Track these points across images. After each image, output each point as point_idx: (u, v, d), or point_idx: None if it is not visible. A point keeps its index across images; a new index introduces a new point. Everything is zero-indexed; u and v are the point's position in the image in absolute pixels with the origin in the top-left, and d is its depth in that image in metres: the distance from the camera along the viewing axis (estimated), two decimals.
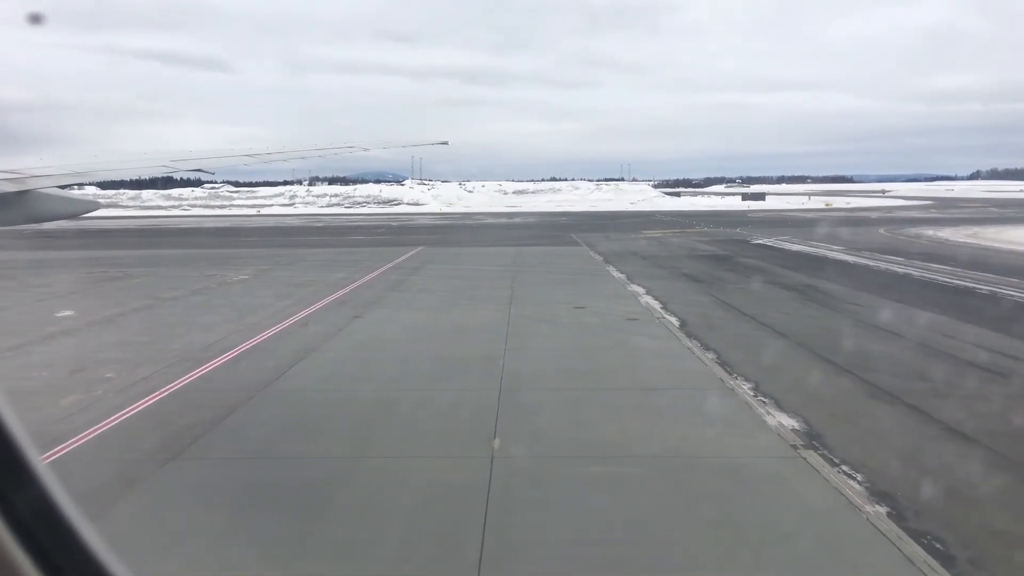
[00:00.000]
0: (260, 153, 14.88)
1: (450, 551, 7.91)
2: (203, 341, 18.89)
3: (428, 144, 24.60)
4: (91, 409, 13.14)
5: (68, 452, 10.98)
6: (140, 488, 9.63)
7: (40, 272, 35.59)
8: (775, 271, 32.95)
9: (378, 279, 32.06)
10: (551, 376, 15.22)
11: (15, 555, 1.47)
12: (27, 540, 1.49)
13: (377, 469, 10.31)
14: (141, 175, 14.08)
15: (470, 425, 12.12)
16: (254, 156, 14.55)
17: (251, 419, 12.63)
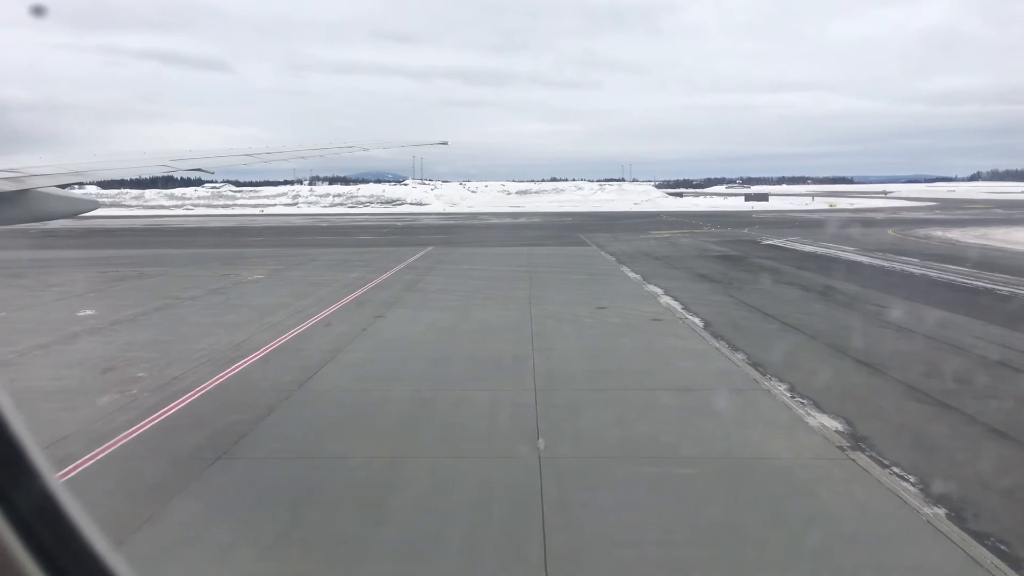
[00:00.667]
0: (259, 153, 14.90)
1: (514, 552, 7.90)
2: (229, 341, 18.87)
3: (427, 144, 24.63)
4: (129, 408, 13.13)
5: (113, 451, 10.97)
6: (193, 487, 9.61)
7: (54, 271, 35.60)
8: (790, 272, 32.95)
9: (393, 279, 32.04)
10: (584, 376, 15.21)
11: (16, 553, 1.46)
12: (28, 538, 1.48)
13: (426, 469, 10.30)
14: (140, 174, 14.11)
15: (511, 425, 12.11)
16: (253, 156, 14.55)
17: (291, 419, 12.61)
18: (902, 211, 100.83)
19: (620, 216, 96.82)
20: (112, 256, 44.26)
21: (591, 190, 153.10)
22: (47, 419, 12.53)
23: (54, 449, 11.06)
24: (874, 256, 39.10)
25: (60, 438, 11.55)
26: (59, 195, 10.91)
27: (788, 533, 8.21)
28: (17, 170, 9.59)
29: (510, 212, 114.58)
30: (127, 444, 11.32)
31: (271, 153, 15.19)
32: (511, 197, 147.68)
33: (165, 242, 57.49)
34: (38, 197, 10.05)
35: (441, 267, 36.92)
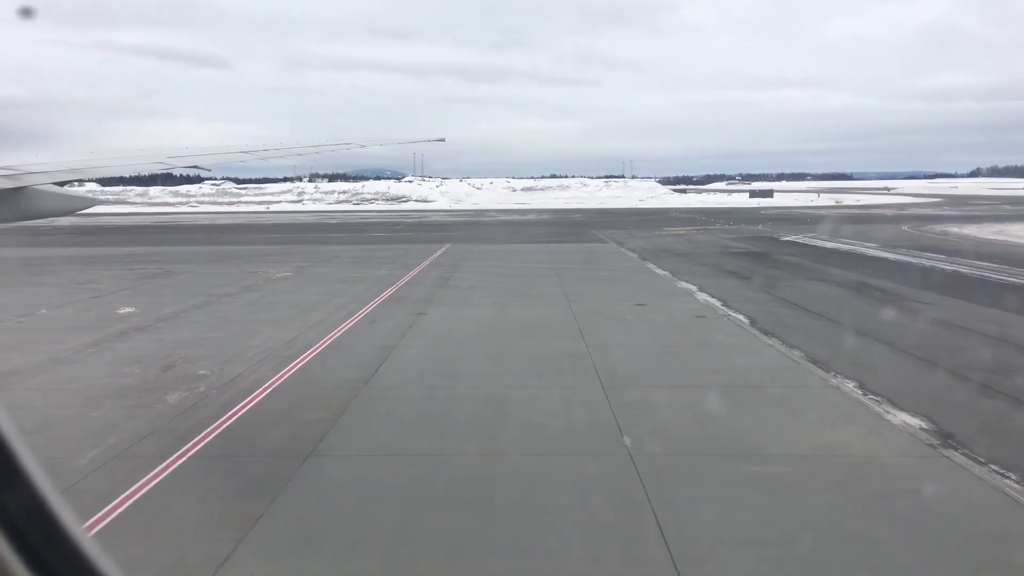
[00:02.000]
0: (257, 150, 14.87)
1: (638, 550, 7.90)
2: (279, 338, 18.86)
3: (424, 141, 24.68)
4: (202, 406, 13.12)
5: (202, 449, 10.97)
6: (294, 484, 9.60)
7: (78, 269, 35.51)
8: (820, 268, 32.97)
9: (421, 276, 32.02)
10: (648, 374, 15.22)
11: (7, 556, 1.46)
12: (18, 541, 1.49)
13: (520, 467, 10.30)
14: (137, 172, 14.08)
15: (590, 422, 12.12)
16: (251, 153, 14.51)
17: (368, 416, 12.61)
18: (910, 207, 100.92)
19: (628, 213, 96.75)
20: (131, 253, 44.18)
21: (596, 187, 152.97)
22: (124, 417, 12.53)
23: (142, 446, 11.07)
24: (898, 252, 39.13)
25: (143, 436, 11.56)
26: (56, 192, 10.78)
27: (909, 532, 8.22)
28: (13, 167, 9.58)
29: (517, 209, 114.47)
30: (213, 442, 11.31)
31: (268, 150, 15.17)
32: (516, 194, 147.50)
33: (179, 239, 57.37)
34: (34, 195, 9.97)
35: (466, 264, 36.89)
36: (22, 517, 1.52)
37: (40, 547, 1.51)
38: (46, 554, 1.52)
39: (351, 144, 17.55)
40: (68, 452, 10.88)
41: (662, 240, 51.25)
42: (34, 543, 1.50)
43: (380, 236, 60.44)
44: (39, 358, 16.78)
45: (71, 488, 9.53)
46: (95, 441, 11.32)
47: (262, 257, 41.11)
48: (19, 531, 1.49)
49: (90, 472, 10.10)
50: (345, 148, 17.62)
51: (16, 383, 14.78)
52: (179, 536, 8.34)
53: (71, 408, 13.09)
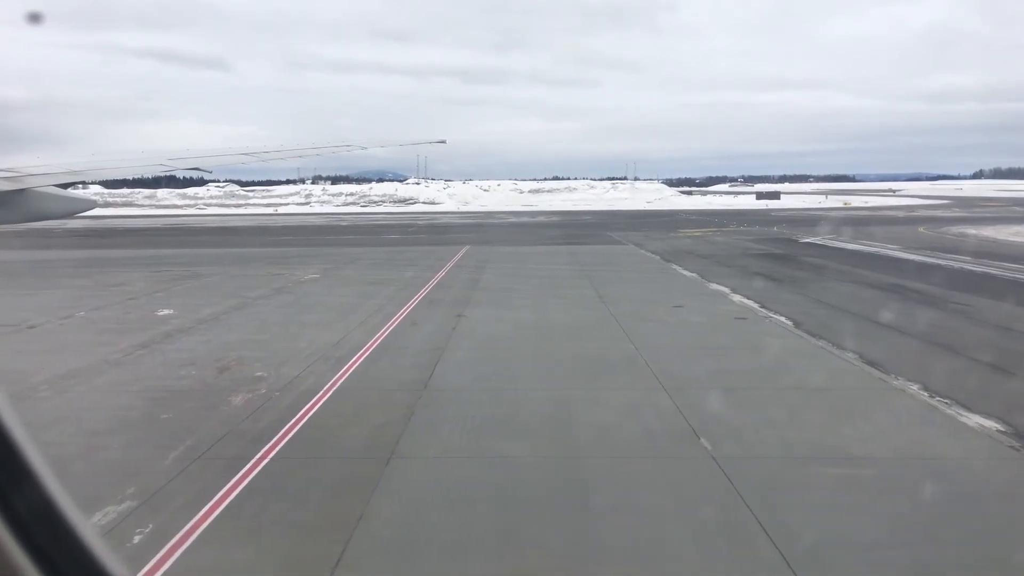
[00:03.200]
0: (258, 151, 14.86)
1: (748, 554, 7.89)
2: (326, 340, 18.85)
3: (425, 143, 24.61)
4: (269, 408, 13.12)
5: (281, 451, 10.96)
6: (384, 486, 9.59)
7: (106, 271, 35.54)
8: (849, 270, 32.95)
9: (449, 278, 32.01)
10: (706, 376, 15.19)
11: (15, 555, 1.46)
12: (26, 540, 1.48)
13: (603, 469, 10.29)
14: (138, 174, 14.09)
15: (661, 424, 12.11)
16: (251, 154, 14.50)
17: (437, 418, 12.59)
18: (920, 209, 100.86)
19: (639, 215, 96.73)
20: (153, 256, 44.22)
21: (603, 188, 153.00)
22: (194, 418, 12.54)
23: (221, 448, 11.07)
24: (923, 254, 39.11)
25: (219, 438, 11.55)
26: (56, 195, 10.84)
27: (1017, 533, 8.20)
28: (14, 169, 9.58)
29: (525, 211, 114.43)
30: (291, 444, 11.30)
31: (268, 152, 15.14)
32: (523, 196, 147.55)
33: (196, 242, 57.39)
34: (35, 197, 10.01)
35: (490, 266, 36.86)
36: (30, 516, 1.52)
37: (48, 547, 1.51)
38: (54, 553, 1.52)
39: (351, 146, 17.56)
40: (148, 454, 10.89)
41: (680, 242, 51.23)
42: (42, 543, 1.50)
43: (395, 238, 60.49)
44: (92, 360, 16.79)
45: (161, 490, 9.54)
46: (172, 443, 11.33)
47: (284, 260, 41.14)
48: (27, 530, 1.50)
49: (176, 474, 10.09)
50: (346, 150, 17.62)
51: (77, 385, 14.79)
52: (284, 537, 8.33)
53: (139, 410, 13.10)
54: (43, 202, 10.38)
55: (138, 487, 9.63)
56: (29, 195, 9.82)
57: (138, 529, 8.45)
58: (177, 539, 8.20)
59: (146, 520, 8.67)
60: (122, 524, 8.58)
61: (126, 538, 8.24)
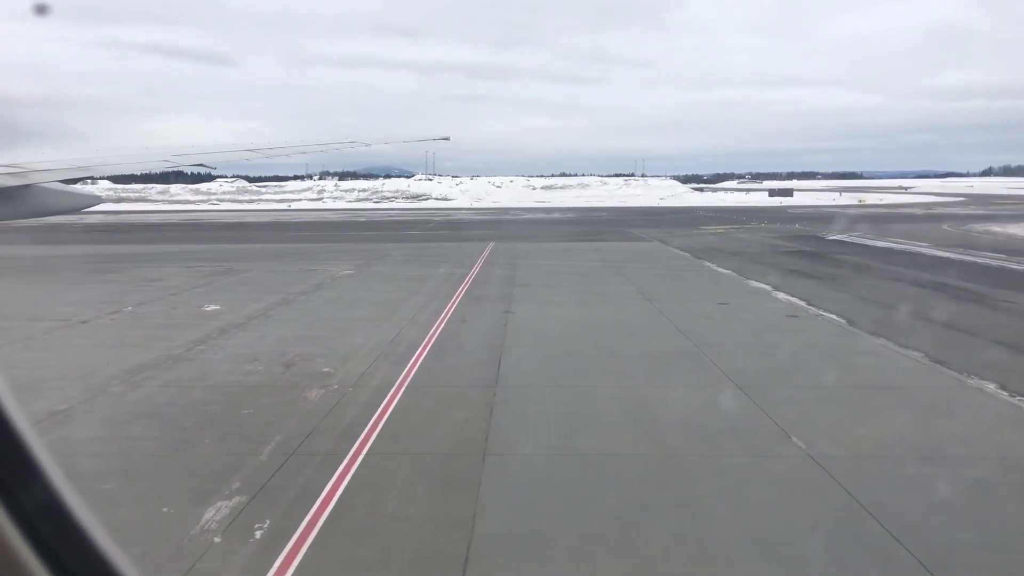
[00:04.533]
0: (262, 148, 14.83)
1: (881, 556, 7.82)
2: (382, 337, 18.84)
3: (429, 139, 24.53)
4: (348, 405, 13.10)
5: (374, 447, 10.93)
6: (488, 483, 9.55)
7: (137, 266, 35.62)
8: (886, 268, 32.79)
9: (484, 274, 31.96)
10: (774, 373, 15.12)
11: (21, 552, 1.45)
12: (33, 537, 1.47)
13: (706, 468, 10.23)
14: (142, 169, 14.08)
15: (747, 422, 12.04)
16: (255, 151, 14.47)
17: (519, 415, 12.55)
18: (938, 206, 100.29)
19: (654, 212, 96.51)
20: (182, 251, 44.26)
21: (616, 185, 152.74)
22: (276, 414, 12.53)
23: (313, 444, 11.06)
24: (956, 251, 38.90)
25: (307, 433, 11.54)
26: (61, 190, 10.82)
27: None
28: (19, 165, 9.57)
29: (539, 208, 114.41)
30: (381, 440, 11.27)
31: (273, 148, 15.17)
32: (536, 192, 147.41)
33: (220, 237, 57.46)
34: (40, 192, 9.99)
35: (521, 263, 36.77)
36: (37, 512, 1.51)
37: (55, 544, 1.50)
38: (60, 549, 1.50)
39: (356, 142, 17.53)
40: (241, 450, 10.89)
41: (704, 239, 51.07)
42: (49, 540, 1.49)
43: (416, 234, 60.45)
44: (155, 355, 16.81)
45: (266, 486, 9.53)
46: (262, 439, 11.33)
47: (313, 255, 41.12)
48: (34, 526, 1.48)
49: (276, 470, 10.09)
50: (350, 146, 17.60)
51: (148, 380, 14.80)
52: (404, 534, 8.30)
53: (217, 405, 13.11)
54: (48, 197, 10.34)
55: (242, 483, 9.63)
56: (34, 190, 9.79)
57: (256, 525, 8.44)
58: (299, 535, 8.19)
59: (261, 515, 8.66)
60: (238, 519, 8.58)
61: (247, 533, 8.24)
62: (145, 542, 8.10)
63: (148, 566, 7.63)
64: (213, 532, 8.29)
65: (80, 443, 11.29)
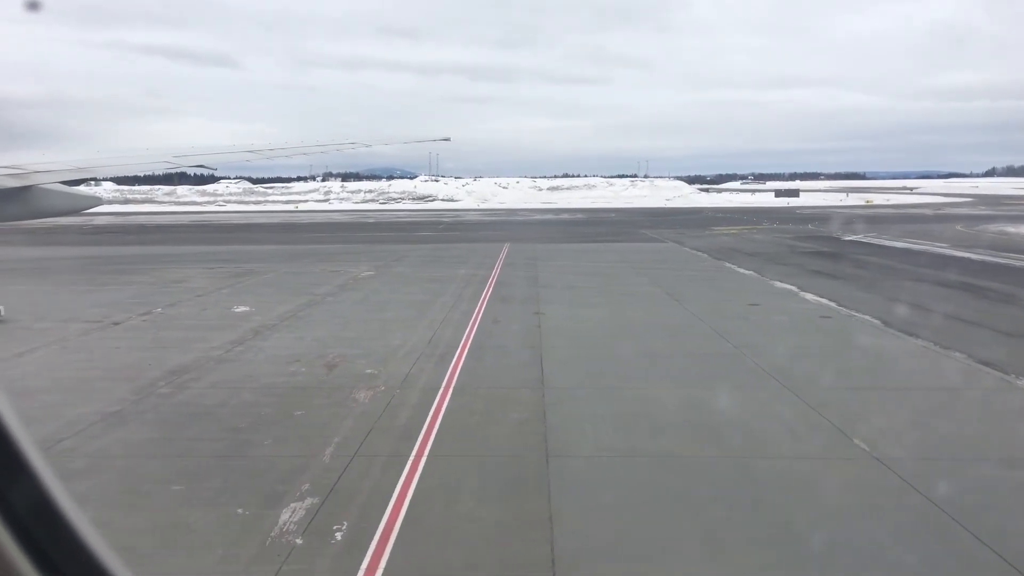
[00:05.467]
0: (262, 149, 14.83)
1: (967, 558, 7.77)
2: (418, 338, 18.81)
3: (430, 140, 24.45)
4: (399, 406, 13.06)
5: (435, 449, 10.89)
6: (558, 484, 9.51)
7: (156, 267, 35.60)
8: (909, 268, 32.72)
9: (505, 276, 31.91)
10: (821, 375, 15.01)
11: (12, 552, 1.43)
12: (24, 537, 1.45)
13: (772, 470, 10.17)
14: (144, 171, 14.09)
15: (805, 424, 12.00)
16: (256, 152, 14.46)
17: (573, 416, 12.52)
18: (945, 207, 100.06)
19: (662, 213, 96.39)
20: (199, 253, 44.21)
21: (622, 186, 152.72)
22: (330, 416, 12.49)
23: (373, 445, 11.02)
24: (975, 252, 38.80)
25: (365, 434, 11.51)
26: (62, 191, 10.83)
27: None
28: (20, 166, 9.58)
29: (547, 208, 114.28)
30: (440, 442, 11.23)
31: (274, 149, 15.20)
32: (542, 193, 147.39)
33: (234, 238, 57.44)
34: (41, 194, 10.00)
35: (541, 264, 36.71)
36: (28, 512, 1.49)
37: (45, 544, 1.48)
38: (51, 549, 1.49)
39: (356, 143, 17.53)
40: (303, 451, 10.86)
41: (719, 240, 50.98)
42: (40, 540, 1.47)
43: (428, 235, 60.43)
44: (196, 356, 16.79)
45: (336, 487, 9.50)
46: (321, 440, 11.29)
47: (330, 256, 41.11)
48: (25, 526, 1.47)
49: (342, 471, 10.05)
50: (351, 147, 17.61)
51: (194, 382, 14.78)
52: (484, 536, 8.25)
53: (270, 407, 13.07)
54: (48, 199, 10.33)
55: (311, 484, 9.60)
56: (35, 192, 9.81)
57: (334, 526, 8.41)
58: (379, 537, 8.16)
59: (337, 517, 8.63)
60: (315, 521, 8.55)
61: (327, 535, 8.21)
62: (225, 544, 8.08)
63: (234, 567, 7.62)
64: (293, 534, 8.26)
65: (140, 445, 11.27)
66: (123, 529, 8.36)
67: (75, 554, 1.52)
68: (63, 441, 11.31)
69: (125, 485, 9.70)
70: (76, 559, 1.52)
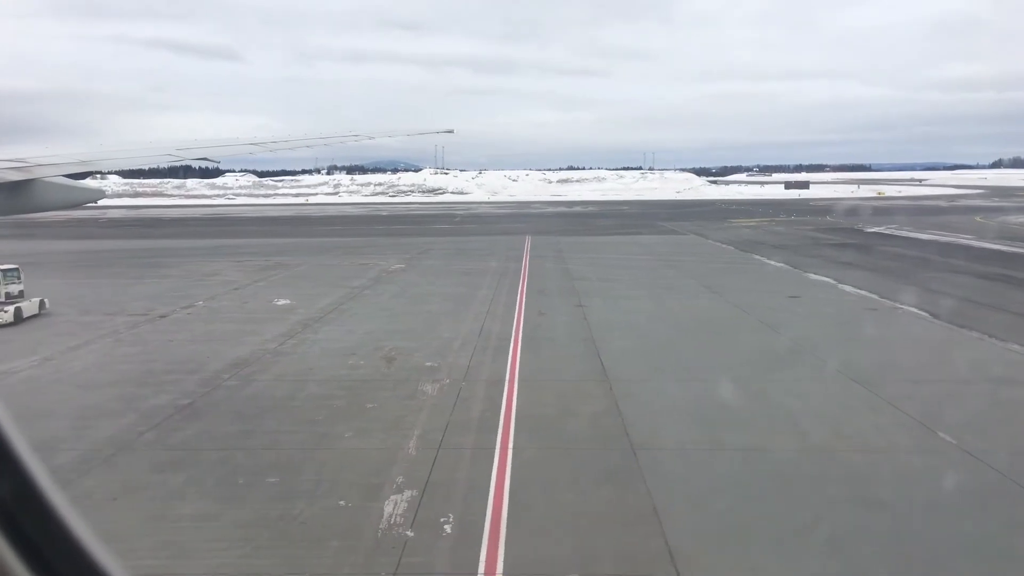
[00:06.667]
0: (265, 142, 14.82)
1: None
2: (467, 330, 18.81)
3: (433, 132, 24.18)
4: (468, 399, 13.04)
5: (520, 441, 10.86)
6: (655, 478, 9.48)
7: (185, 260, 35.64)
8: (940, 260, 32.56)
9: (536, 268, 31.85)
10: (885, 368, 14.92)
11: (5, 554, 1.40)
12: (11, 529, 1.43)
13: (868, 463, 10.14)
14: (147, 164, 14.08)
15: (883, 417, 11.94)
16: (259, 145, 14.46)
17: (648, 409, 12.46)
18: (959, 199, 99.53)
19: (676, 205, 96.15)
20: (223, 246, 44.23)
21: (632, 178, 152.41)
22: (404, 408, 12.48)
23: (455, 438, 11.00)
24: (1002, 243, 38.61)
25: (443, 427, 11.49)
26: (65, 184, 10.86)
27: None
28: (24, 159, 9.54)
29: (560, 201, 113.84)
30: (521, 434, 11.20)
31: (277, 142, 15.21)
32: (552, 186, 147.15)
33: (253, 232, 57.53)
34: (44, 187, 10.02)
35: (568, 256, 36.64)
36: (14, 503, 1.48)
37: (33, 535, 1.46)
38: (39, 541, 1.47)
39: (359, 136, 17.50)
40: (386, 444, 10.86)
41: (740, 232, 50.82)
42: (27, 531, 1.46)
43: (446, 228, 60.43)
44: (251, 349, 16.79)
45: (431, 480, 9.48)
46: (401, 433, 11.28)
47: (356, 249, 41.12)
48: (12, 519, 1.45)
49: (431, 463, 10.03)
50: (354, 140, 17.56)
51: (257, 374, 14.79)
52: (594, 528, 8.22)
53: (341, 399, 13.07)
54: (52, 192, 10.35)
55: (405, 477, 9.59)
56: (38, 185, 9.82)
57: (440, 519, 8.40)
58: (490, 530, 8.14)
59: (440, 509, 8.62)
60: (420, 513, 8.54)
61: (436, 527, 8.20)
62: (338, 535, 8.07)
63: (354, 559, 7.62)
64: (402, 526, 8.25)
65: (222, 437, 11.28)
66: (233, 522, 8.37)
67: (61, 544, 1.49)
68: (144, 434, 11.32)
69: (220, 477, 9.71)
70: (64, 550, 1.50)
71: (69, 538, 1.50)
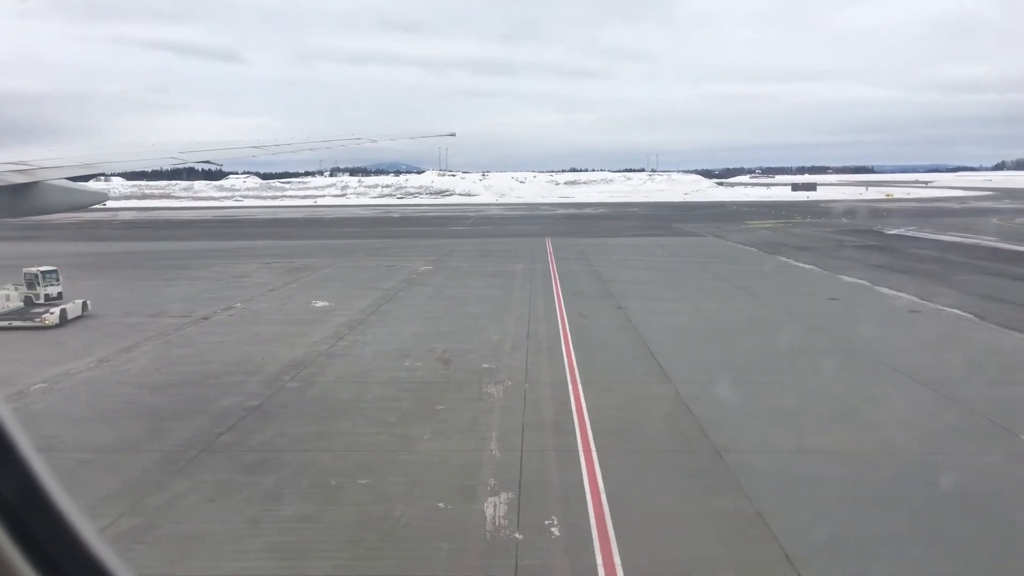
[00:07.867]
0: (267, 144, 14.87)
1: None
2: (513, 332, 18.77)
3: (435, 135, 24.08)
4: (536, 400, 13.00)
5: (600, 443, 10.80)
6: (748, 482, 9.42)
7: (211, 262, 35.62)
8: (970, 262, 32.50)
9: (564, 270, 31.81)
10: (945, 369, 14.89)
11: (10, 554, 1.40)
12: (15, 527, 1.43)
13: (963, 467, 10.08)
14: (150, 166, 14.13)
15: (956, 419, 11.92)
16: (261, 147, 14.49)
17: (717, 411, 12.39)
18: (969, 200, 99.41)
19: (686, 207, 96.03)
20: (246, 248, 44.14)
21: (640, 180, 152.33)
22: (473, 411, 12.43)
23: (534, 439, 10.96)
24: None
25: (517, 430, 11.45)
26: (68, 187, 10.84)
27: None
28: (27, 162, 9.54)
29: (570, 203, 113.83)
30: (600, 436, 11.12)
31: (279, 145, 15.26)
32: (559, 187, 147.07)
33: (270, 233, 57.53)
34: (47, 189, 10.01)
35: (593, 258, 36.57)
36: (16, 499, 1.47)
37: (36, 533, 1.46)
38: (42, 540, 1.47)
39: (361, 139, 17.53)
40: (466, 446, 10.83)
41: (759, 234, 50.74)
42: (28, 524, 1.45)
43: (462, 230, 60.44)
44: (304, 351, 16.76)
45: (523, 481, 9.44)
46: (479, 434, 11.27)
47: (379, 251, 41.12)
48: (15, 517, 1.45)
49: (517, 465, 9.99)
50: (355, 143, 17.61)
51: (316, 376, 14.76)
52: (703, 533, 8.18)
53: (408, 401, 13.04)
54: (55, 195, 10.34)
55: (496, 479, 9.55)
56: (41, 188, 9.83)
57: (545, 521, 8.36)
58: (597, 532, 8.10)
59: (542, 512, 8.57)
60: (523, 516, 8.49)
61: (543, 530, 8.15)
62: (446, 538, 8.02)
63: (470, 560, 7.58)
64: (508, 528, 8.21)
65: (301, 439, 11.24)
66: (336, 523, 8.33)
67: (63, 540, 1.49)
68: (221, 436, 11.29)
69: (311, 479, 9.67)
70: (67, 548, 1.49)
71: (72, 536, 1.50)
